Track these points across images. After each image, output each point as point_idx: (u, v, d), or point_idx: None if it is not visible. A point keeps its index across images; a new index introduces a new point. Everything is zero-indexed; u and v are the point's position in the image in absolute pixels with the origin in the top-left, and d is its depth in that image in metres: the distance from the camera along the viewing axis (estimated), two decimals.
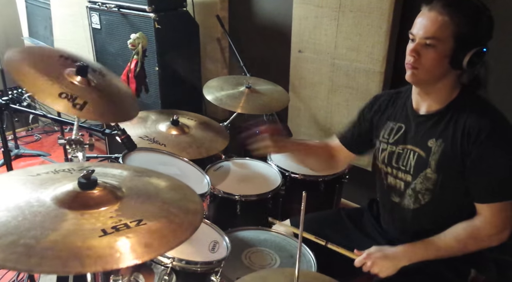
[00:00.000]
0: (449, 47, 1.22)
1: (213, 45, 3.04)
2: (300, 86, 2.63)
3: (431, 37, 1.22)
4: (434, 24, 1.21)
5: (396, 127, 1.43)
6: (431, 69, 1.25)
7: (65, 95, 1.26)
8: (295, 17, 2.52)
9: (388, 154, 1.45)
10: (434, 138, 1.31)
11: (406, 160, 1.39)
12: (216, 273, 1.32)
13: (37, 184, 0.98)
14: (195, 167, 1.82)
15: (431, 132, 1.32)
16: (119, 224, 0.87)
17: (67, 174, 1.05)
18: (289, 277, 1.06)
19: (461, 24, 1.20)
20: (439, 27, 1.21)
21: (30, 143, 3.67)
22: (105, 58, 2.80)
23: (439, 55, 1.23)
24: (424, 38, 1.23)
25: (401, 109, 1.44)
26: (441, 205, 1.35)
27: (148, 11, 2.44)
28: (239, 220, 1.83)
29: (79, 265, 0.76)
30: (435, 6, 1.22)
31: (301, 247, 0.99)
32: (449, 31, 1.20)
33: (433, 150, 1.31)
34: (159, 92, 2.59)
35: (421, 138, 1.35)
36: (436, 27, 1.21)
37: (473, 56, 1.21)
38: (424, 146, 1.33)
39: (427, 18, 1.23)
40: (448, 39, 1.21)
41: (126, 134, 1.60)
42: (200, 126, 2.06)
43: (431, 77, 1.28)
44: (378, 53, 2.22)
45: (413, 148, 1.37)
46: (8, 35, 3.58)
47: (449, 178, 1.31)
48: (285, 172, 1.99)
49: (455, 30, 1.20)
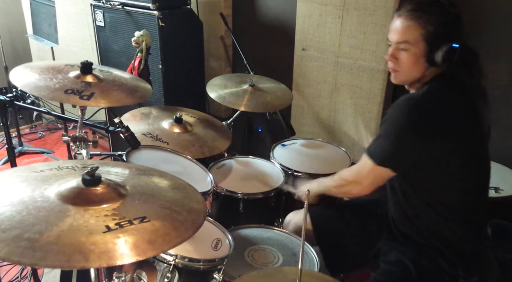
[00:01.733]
0: (421, 48, 1.30)
1: (216, 43, 3.04)
2: (304, 84, 2.62)
3: (402, 41, 1.32)
4: (402, 29, 1.31)
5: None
6: (409, 70, 1.34)
7: (71, 91, 1.35)
8: (299, 15, 2.52)
9: None
10: None
11: None
12: (219, 271, 1.32)
13: (41, 180, 0.99)
14: (198, 165, 1.82)
15: None
16: (123, 221, 0.87)
17: (71, 171, 1.06)
18: (292, 276, 1.06)
19: (428, 25, 1.27)
20: (407, 32, 1.30)
21: (33, 140, 3.69)
22: (109, 56, 2.81)
23: (414, 56, 1.31)
24: (397, 43, 1.33)
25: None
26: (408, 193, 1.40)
27: (152, 9, 2.44)
28: (242, 218, 1.83)
29: (84, 259, 0.77)
30: (403, 13, 1.32)
31: (304, 245, 0.99)
32: (417, 33, 1.29)
33: None
34: (162, 90, 2.60)
35: None
36: (405, 32, 1.30)
37: (446, 53, 1.26)
38: None
39: (398, 24, 1.33)
40: (419, 41, 1.29)
41: (129, 132, 1.60)
42: (203, 124, 2.06)
43: (411, 76, 1.36)
44: (382, 51, 2.21)
45: None
46: (12, 32, 3.59)
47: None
48: (288, 170, 1.99)
49: (423, 32, 1.28)
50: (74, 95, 1.34)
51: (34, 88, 1.34)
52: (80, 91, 1.36)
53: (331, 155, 2.17)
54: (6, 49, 3.27)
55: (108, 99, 1.42)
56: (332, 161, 2.10)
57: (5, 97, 1.59)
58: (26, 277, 2.10)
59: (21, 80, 1.37)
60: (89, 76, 1.45)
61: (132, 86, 1.56)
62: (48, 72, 1.44)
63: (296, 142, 2.28)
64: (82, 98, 1.34)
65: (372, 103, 2.35)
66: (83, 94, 1.36)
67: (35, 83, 1.36)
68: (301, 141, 2.30)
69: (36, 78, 1.39)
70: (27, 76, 1.40)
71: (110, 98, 1.42)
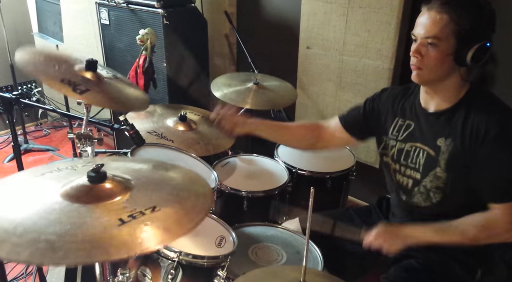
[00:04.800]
0: (451, 45, 1.21)
1: (221, 41, 3.04)
2: (308, 82, 2.62)
3: (432, 36, 1.21)
4: (433, 23, 1.21)
5: (405, 124, 1.43)
6: (435, 69, 1.25)
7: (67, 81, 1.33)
8: (303, 13, 2.52)
9: (397, 151, 1.44)
10: (443, 137, 1.30)
11: (415, 158, 1.38)
12: (223, 268, 1.32)
13: (45, 183, 1.00)
14: (202, 163, 1.83)
15: (440, 131, 1.31)
16: (135, 212, 0.89)
17: (71, 171, 1.06)
18: (295, 274, 1.06)
19: (461, 20, 1.19)
20: (438, 26, 1.21)
21: (39, 138, 3.71)
22: (113, 54, 2.82)
23: (442, 53, 1.22)
24: (425, 38, 1.23)
25: (409, 107, 1.43)
26: (452, 203, 1.34)
27: (156, 7, 2.45)
28: (246, 215, 1.83)
29: (105, 253, 0.78)
30: (434, 5, 1.22)
31: (308, 243, 0.99)
32: (449, 29, 1.20)
33: (442, 148, 1.30)
34: (167, 88, 2.60)
35: (430, 137, 1.34)
36: (436, 26, 1.21)
37: (476, 51, 1.20)
38: (433, 145, 1.33)
39: (427, 17, 1.23)
40: (449, 37, 1.20)
41: (134, 130, 1.61)
42: (207, 122, 2.06)
43: (436, 76, 1.27)
44: (387, 50, 2.20)
45: (422, 146, 1.36)
46: (18, 30, 3.60)
47: (459, 177, 1.29)
48: (292, 168, 1.99)
49: (455, 27, 1.19)
50: (68, 86, 1.31)
51: (34, 69, 1.32)
52: (76, 84, 1.33)
53: (335, 154, 2.17)
54: (11, 47, 3.29)
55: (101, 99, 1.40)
56: (336, 159, 2.10)
57: (11, 95, 1.60)
58: (31, 274, 2.12)
59: (24, 58, 1.34)
60: (90, 74, 1.44)
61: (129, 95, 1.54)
62: (55, 60, 1.42)
63: None
64: (75, 91, 1.31)
65: None
66: (77, 87, 1.32)
67: (35, 64, 1.35)
68: None
69: (40, 60, 1.38)
70: (32, 57, 1.38)
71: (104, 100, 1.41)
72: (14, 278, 2.11)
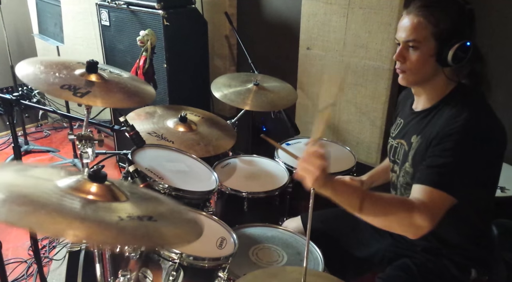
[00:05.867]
0: (431, 46, 1.24)
1: (221, 42, 3.05)
2: (308, 83, 2.62)
3: (412, 39, 1.25)
4: (412, 27, 1.24)
5: (399, 123, 1.48)
6: (418, 71, 1.28)
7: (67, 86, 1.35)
8: (303, 14, 2.52)
9: (389, 148, 1.50)
10: (416, 134, 1.34)
11: (398, 153, 1.43)
12: (224, 269, 1.32)
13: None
14: (202, 164, 1.83)
15: (416, 128, 1.35)
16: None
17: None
18: (296, 275, 1.06)
19: (439, 22, 1.21)
20: (417, 29, 1.24)
21: (39, 139, 3.71)
22: (114, 55, 2.82)
23: (423, 55, 1.25)
24: (406, 41, 1.26)
25: (406, 106, 1.48)
26: None
27: (157, 8, 2.45)
28: (247, 216, 1.83)
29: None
30: (412, 9, 1.26)
31: (309, 244, 0.99)
32: (427, 31, 1.23)
33: (413, 145, 1.34)
34: (167, 89, 2.60)
35: (409, 134, 1.38)
36: (415, 30, 1.24)
37: (457, 51, 1.21)
38: (408, 141, 1.37)
39: (406, 21, 1.27)
40: (429, 39, 1.23)
41: (134, 131, 1.61)
42: (208, 123, 2.06)
43: (420, 77, 1.30)
44: (387, 50, 2.20)
45: (403, 141, 1.41)
46: (18, 32, 3.61)
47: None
48: (292, 169, 1.98)
49: (433, 29, 1.22)
50: (69, 91, 1.32)
51: (33, 80, 1.33)
52: (76, 88, 1.34)
53: (336, 154, 2.17)
54: (12, 48, 3.29)
55: (105, 99, 1.40)
56: (337, 160, 2.09)
57: (11, 96, 1.60)
58: (32, 275, 2.12)
59: (24, 71, 1.36)
60: (93, 75, 1.45)
61: (134, 90, 1.55)
62: (55, 67, 1.43)
63: (300, 141, 2.28)
64: (76, 95, 1.32)
65: (377, 103, 2.35)
66: (78, 91, 1.33)
67: (35, 74, 1.35)
68: (305, 140, 2.30)
69: (41, 70, 1.38)
70: (32, 68, 1.39)
71: (107, 99, 1.41)
72: (15, 279, 2.11)
